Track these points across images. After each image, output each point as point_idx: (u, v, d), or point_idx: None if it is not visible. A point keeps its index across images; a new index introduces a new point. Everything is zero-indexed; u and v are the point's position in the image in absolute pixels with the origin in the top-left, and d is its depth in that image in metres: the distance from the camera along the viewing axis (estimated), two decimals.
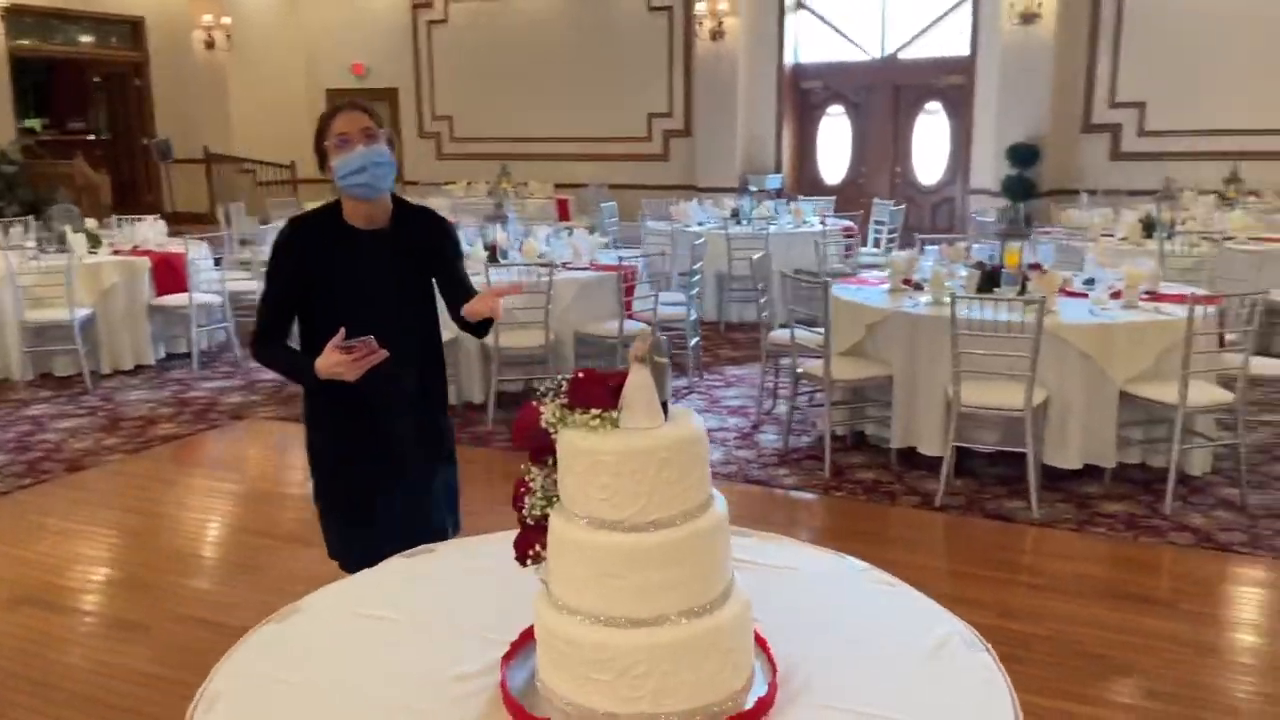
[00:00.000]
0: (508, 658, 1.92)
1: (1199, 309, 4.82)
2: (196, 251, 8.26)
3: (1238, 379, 4.89)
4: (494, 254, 6.83)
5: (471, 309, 2.72)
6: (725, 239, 8.58)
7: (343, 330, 2.55)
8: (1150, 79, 11.55)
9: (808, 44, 13.33)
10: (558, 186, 13.52)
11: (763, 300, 6.17)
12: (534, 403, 1.84)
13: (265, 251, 8.69)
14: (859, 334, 5.54)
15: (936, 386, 5.25)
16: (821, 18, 13.18)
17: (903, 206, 10.28)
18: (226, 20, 15.86)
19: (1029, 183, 11.59)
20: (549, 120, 14.61)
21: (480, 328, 2.83)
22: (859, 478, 5.40)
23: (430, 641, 2.05)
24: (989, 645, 2.00)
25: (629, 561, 1.70)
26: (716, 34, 13.04)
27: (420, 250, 2.82)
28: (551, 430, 1.79)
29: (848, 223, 9.57)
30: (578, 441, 1.73)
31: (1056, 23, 11.55)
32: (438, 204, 11.73)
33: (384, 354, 2.56)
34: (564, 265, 6.72)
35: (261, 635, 2.08)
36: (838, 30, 13.15)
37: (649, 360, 1.77)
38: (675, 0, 13.72)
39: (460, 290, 2.85)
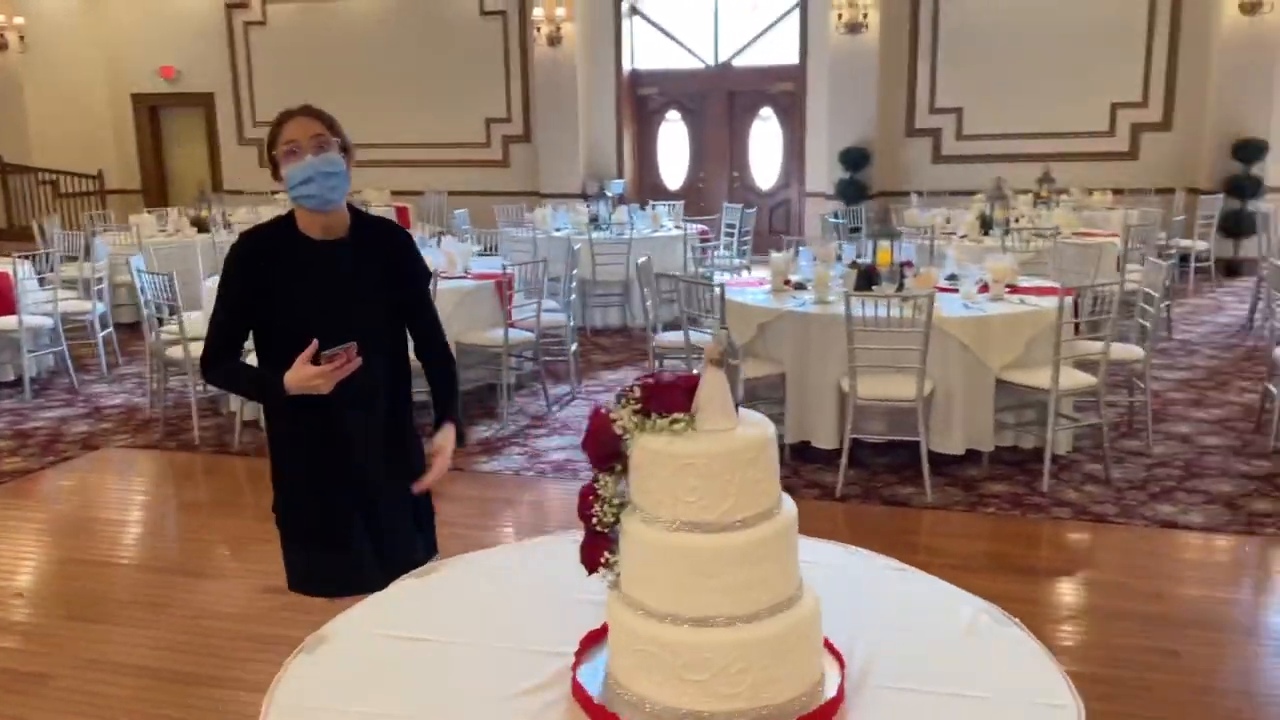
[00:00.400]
0: (574, 668, 1.91)
1: (1067, 300, 5.21)
2: (22, 271, 7.63)
3: (1100, 363, 5.31)
4: None
5: (431, 486, 2.74)
6: (589, 245, 8.61)
7: (315, 342, 2.45)
8: (966, 86, 12.35)
9: (644, 51, 13.54)
10: (395, 194, 13.19)
11: (648, 304, 6.24)
12: (602, 410, 1.83)
13: (95, 269, 8.19)
14: (750, 333, 5.68)
15: (827, 382, 5.46)
16: (656, 25, 13.42)
17: (753, 210, 10.60)
18: (19, 20, 14.69)
19: (861, 185, 12.17)
20: (382, 126, 14.20)
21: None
22: None
23: (478, 659, 2.00)
24: (1018, 620, 2.12)
25: (721, 561, 1.72)
26: (554, 39, 13.06)
27: (382, 262, 2.72)
28: (626, 436, 1.79)
29: (703, 226, 9.80)
30: (662, 446, 1.74)
31: (880, 33, 12.18)
32: (272, 214, 11.26)
33: (359, 361, 2.48)
34: (440, 274, 6.59)
35: (298, 667, 1.98)
36: (672, 38, 13.42)
37: (723, 362, 1.79)
38: (509, 5, 13.66)
39: (425, 325, 2.77)
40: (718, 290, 5.47)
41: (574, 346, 7.16)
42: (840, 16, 12.08)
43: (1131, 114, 12.11)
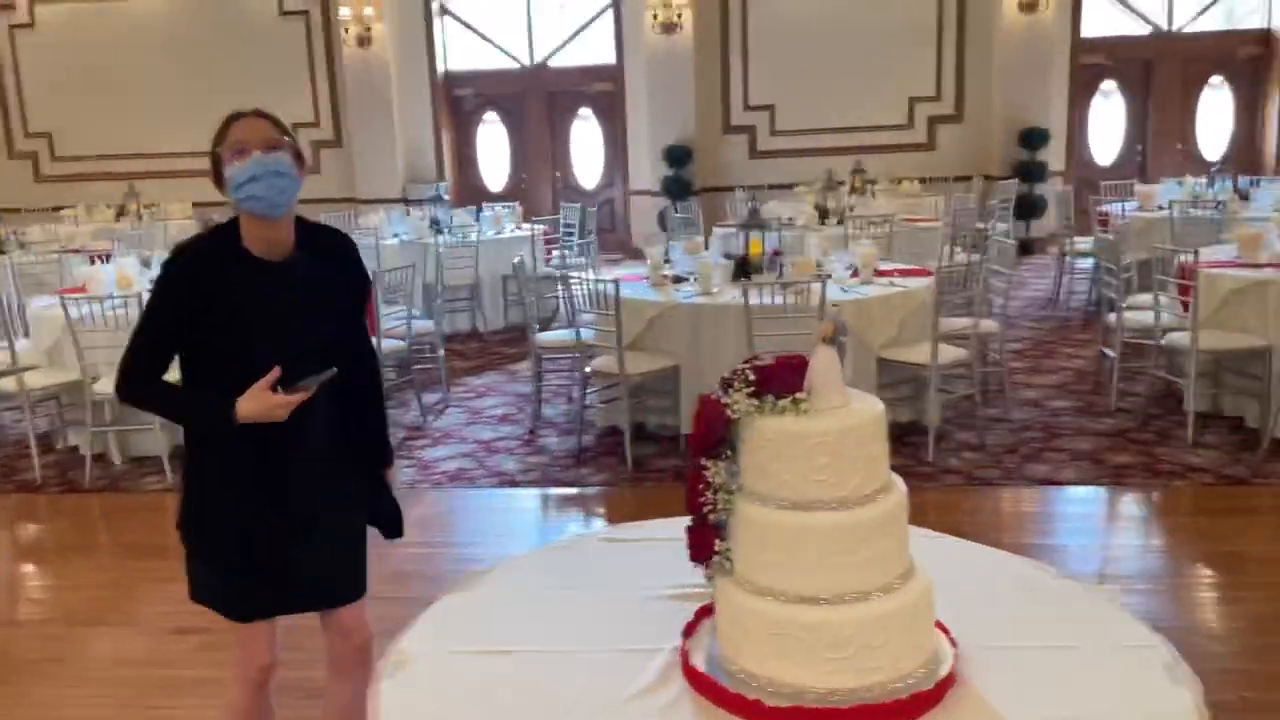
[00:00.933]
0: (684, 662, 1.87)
1: (929, 280, 5.53)
2: None
3: (970, 336, 5.65)
4: None
5: None
6: (435, 249, 8.41)
7: (277, 370, 2.26)
8: (776, 84, 12.80)
9: (457, 51, 13.31)
10: (197, 205, 12.40)
11: (527, 303, 6.16)
12: (712, 396, 1.81)
13: None
14: (639, 327, 5.70)
15: (721, 371, 5.52)
16: (468, 25, 13.21)
17: (594, 209, 10.62)
18: None
19: (685, 181, 12.41)
20: (178, 134, 13.30)
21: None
22: (658, 467, 5.57)
23: (576, 665, 1.94)
24: (1066, 574, 2.24)
25: (857, 536, 1.74)
26: (364, 40, 12.64)
27: (332, 279, 2.49)
28: (738, 420, 1.77)
29: (544, 227, 9.74)
30: (788, 426, 1.73)
31: (694, 33, 12.46)
32: (70, 233, 10.39)
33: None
34: None
35: (391, 695, 1.84)
36: (485, 38, 13.25)
37: (835, 340, 1.80)
38: (310, 4, 13.10)
39: (359, 340, 2.59)
40: (611, 287, 5.45)
41: (442, 353, 6.97)
42: (655, 17, 12.27)
43: (927, 107, 12.89)
